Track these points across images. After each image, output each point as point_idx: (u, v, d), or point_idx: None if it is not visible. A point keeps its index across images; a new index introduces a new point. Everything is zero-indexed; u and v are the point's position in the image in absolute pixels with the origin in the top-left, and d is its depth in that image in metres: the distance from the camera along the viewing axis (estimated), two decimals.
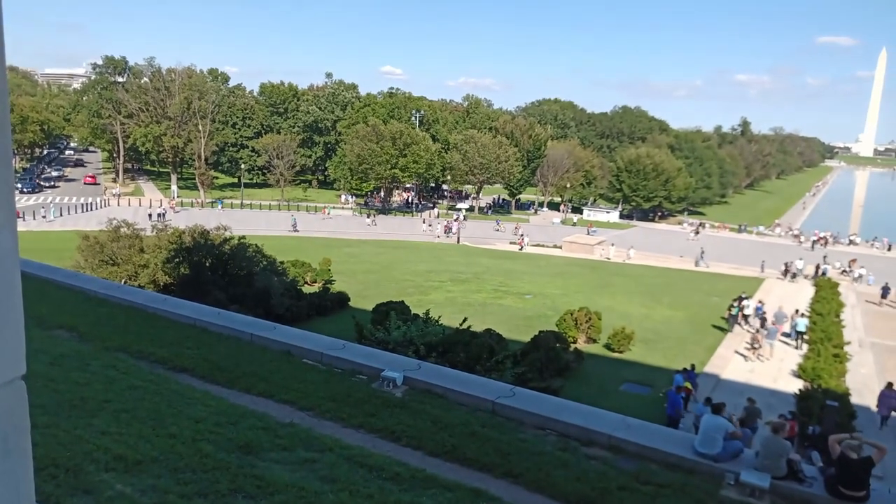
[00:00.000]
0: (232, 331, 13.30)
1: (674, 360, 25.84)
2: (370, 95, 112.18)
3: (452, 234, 69.34)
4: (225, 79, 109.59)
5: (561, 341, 24.79)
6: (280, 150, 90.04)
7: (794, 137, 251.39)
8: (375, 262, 49.31)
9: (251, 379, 10.66)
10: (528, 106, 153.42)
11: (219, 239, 28.16)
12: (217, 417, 8.51)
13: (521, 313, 33.78)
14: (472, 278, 43.55)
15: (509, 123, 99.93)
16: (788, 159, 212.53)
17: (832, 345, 27.46)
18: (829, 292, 39.58)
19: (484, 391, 10.74)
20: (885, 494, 8.23)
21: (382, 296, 31.48)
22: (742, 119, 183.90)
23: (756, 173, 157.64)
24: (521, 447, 8.82)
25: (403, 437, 8.88)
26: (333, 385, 10.66)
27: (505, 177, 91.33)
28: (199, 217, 51.74)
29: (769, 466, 8.44)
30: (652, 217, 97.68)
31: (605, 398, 20.91)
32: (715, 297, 39.79)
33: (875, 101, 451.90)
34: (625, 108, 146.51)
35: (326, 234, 64.53)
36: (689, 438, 9.50)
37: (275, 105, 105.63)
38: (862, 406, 21.74)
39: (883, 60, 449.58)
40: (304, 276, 37.85)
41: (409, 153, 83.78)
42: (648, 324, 32.56)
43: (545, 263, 53.20)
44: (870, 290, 44.23)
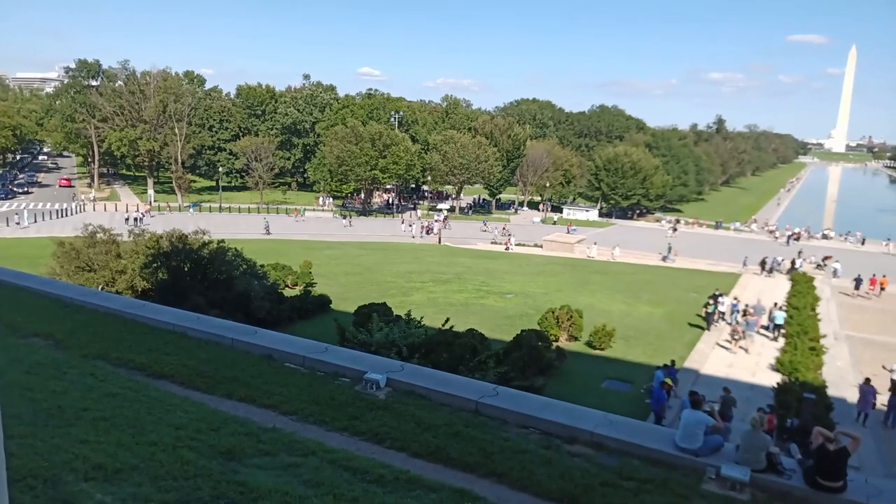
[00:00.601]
0: (212, 336, 13.17)
1: (654, 357, 26.11)
2: (349, 97, 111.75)
3: (433, 235, 69.35)
4: (201, 81, 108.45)
5: (543, 340, 24.89)
6: (258, 153, 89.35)
7: (768, 134, 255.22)
8: (357, 264, 49.13)
9: (232, 384, 10.56)
10: (506, 106, 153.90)
11: (197, 243, 27.83)
12: (198, 424, 8.42)
13: (504, 312, 33.88)
14: (453, 278, 43.58)
15: (488, 123, 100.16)
16: (763, 156, 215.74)
17: (808, 338, 27.94)
18: (805, 287, 40.29)
19: (467, 391, 10.76)
20: (861, 484, 8.38)
21: (364, 298, 31.39)
22: (717, 117, 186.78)
23: (731, 170, 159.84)
24: (505, 446, 8.85)
25: (387, 439, 8.86)
26: (316, 388, 10.60)
27: (485, 177, 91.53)
28: (177, 221, 51.19)
29: (749, 460, 8.56)
30: (630, 215, 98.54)
31: (587, 395, 21.08)
32: (693, 293, 40.25)
33: (846, 98, 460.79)
34: (602, 107, 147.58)
35: (300, 236, 63.99)
36: (670, 434, 9.59)
37: (252, 107, 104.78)
38: (838, 398, 22.15)
39: (853, 58, 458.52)
40: (284, 279, 37.59)
41: (389, 154, 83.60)
42: (629, 321, 32.84)
43: (526, 262, 53.41)
44: (843, 283, 45.31)
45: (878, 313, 37.12)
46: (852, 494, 8.09)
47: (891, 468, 17.80)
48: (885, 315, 36.86)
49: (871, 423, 21.11)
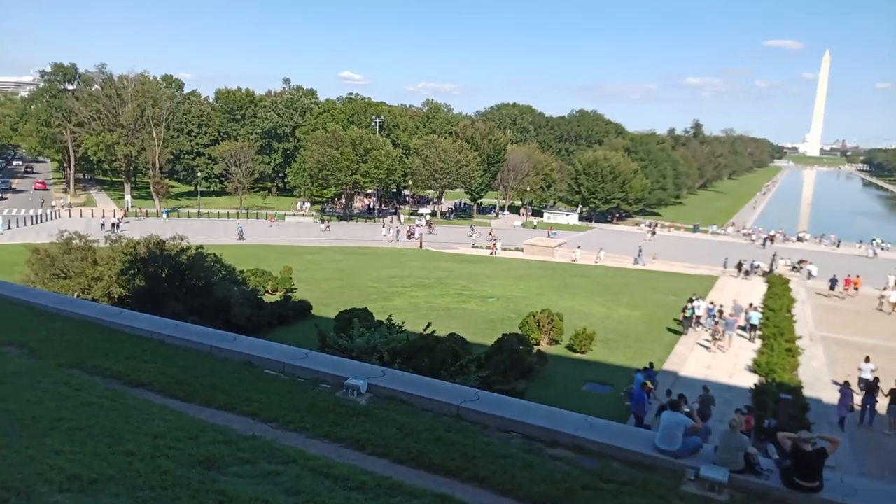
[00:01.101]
0: (190, 343, 13.03)
1: (634, 359, 26.31)
2: (329, 101, 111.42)
3: (415, 239, 69.33)
4: (179, 85, 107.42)
5: (524, 343, 24.99)
6: (238, 158, 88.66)
7: (744, 138, 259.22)
8: (337, 269, 48.92)
9: (211, 392, 10.45)
10: (487, 110, 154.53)
11: (175, 249, 27.55)
12: (176, 432, 8.31)
13: (485, 317, 33.94)
14: (435, 283, 43.57)
15: (469, 128, 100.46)
16: (739, 160, 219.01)
17: (784, 339, 28.37)
18: (781, 289, 40.91)
19: (449, 396, 10.76)
20: (837, 484, 8.51)
21: (345, 303, 31.24)
22: (694, 121, 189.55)
23: (709, 174, 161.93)
24: (487, 451, 8.86)
25: (369, 446, 8.83)
26: (296, 395, 10.53)
27: (466, 181, 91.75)
28: (153, 227, 50.55)
29: (727, 461, 8.66)
30: (610, 219, 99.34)
31: (568, 399, 21.15)
32: (672, 295, 40.67)
33: (820, 102, 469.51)
34: (582, 111, 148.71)
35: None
36: (650, 435, 9.67)
37: (231, 111, 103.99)
38: (814, 398, 22.50)
39: (827, 63, 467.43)
40: (264, 285, 37.31)
41: (370, 159, 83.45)
42: (609, 323, 33.08)
43: (507, 266, 53.60)
44: (819, 284, 46.19)
45: (851, 314, 37.79)
46: (828, 493, 8.22)
47: (865, 467, 18.10)
48: (858, 316, 37.54)
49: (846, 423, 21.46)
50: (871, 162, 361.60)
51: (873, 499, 8.21)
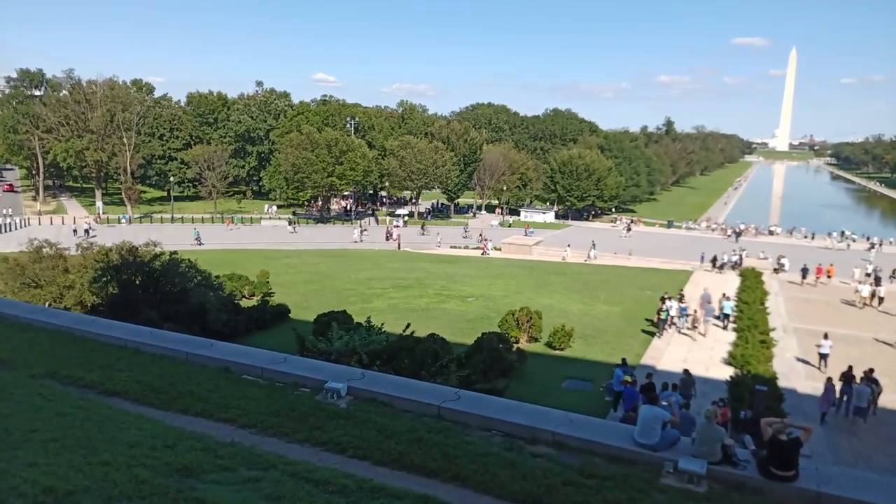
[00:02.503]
0: (166, 350, 12.85)
1: (612, 355, 26.55)
2: (303, 103, 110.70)
3: (392, 241, 69.20)
4: (150, 89, 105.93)
5: (504, 342, 25.07)
6: (211, 161, 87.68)
7: (715, 135, 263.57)
8: (315, 272, 48.62)
9: (188, 399, 10.32)
10: (462, 110, 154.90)
11: (149, 255, 27.14)
12: (153, 441, 8.19)
13: (464, 316, 33.98)
14: (414, 284, 43.52)
15: (445, 128, 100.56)
16: (711, 156, 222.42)
17: (759, 331, 28.86)
18: (754, 281, 41.61)
19: (429, 396, 10.75)
20: (812, 472, 8.66)
21: (323, 306, 31.07)
22: (666, 119, 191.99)
23: (681, 170, 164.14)
24: (468, 450, 8.86)
25: (349, 449, 8.78)
26: (275, 400, 10.45)
27: (443, 181, 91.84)
28: (121, 234, 49.74)
29: (705, 452, 8.77)
30: (586, 216, 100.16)
31: (548, 396, 21.29)
32: (648, 290, 41.13)
33: (788, 98, 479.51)
34: (556, 110, 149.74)
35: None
36: (628, 430, 9.76)
37: (204, 115, 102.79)
38: (789, 388, 22.91)
39: (793, 59, 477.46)
40: (241, 289, 36.94)
41: (346, 160, 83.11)
42: (587, 320, 33.34)
43: (486, 265, 53.74)
44: (792, 276, 47.66)
45: (823, 305, 38.56)
46: (803, 482, 8.37)
47: (839, 455, 18.48)
48: (829, 307, 38.33)
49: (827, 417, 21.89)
50: (839, 156, 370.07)
51: (847, 486, 8.37)
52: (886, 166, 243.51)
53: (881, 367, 23.89)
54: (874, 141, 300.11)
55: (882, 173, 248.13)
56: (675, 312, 31.14)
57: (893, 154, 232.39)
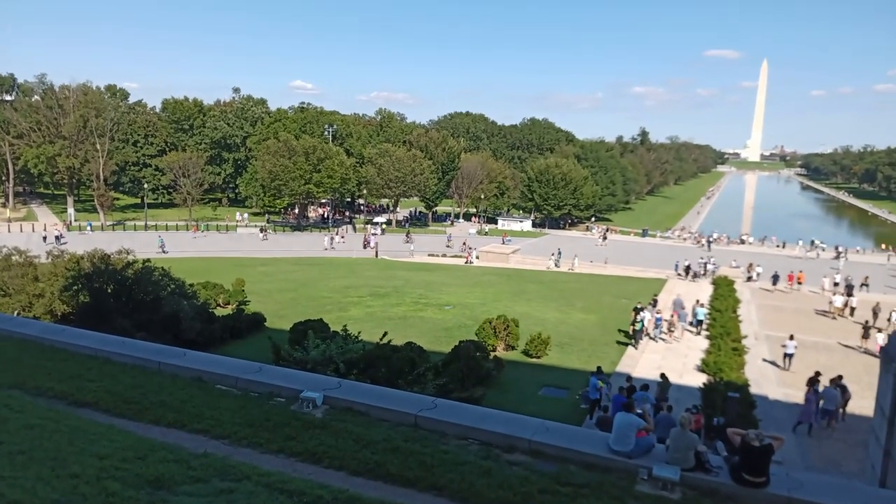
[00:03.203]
0: (138, 360, 12.63)
1: (589, 362, 26.72)
2: (281, 110, 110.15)
3: (370, 249, 69.00)
4: (124, 95, 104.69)
5: (481, 350, 25.11)
6: (186, 168, 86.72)
7: (688, 145, 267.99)
8: (292, 280, 48.25)
9: (160, 409, 10.16)
10: (441, 119, 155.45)
11: (121, 263, 26.73)
12: (124, 453, 8.05)
13: (442, 324, 33.97)
14: (391, 292, 43.40)
15: (423, 137, 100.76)
16: (684, 166, 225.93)
17: (731, 339, 29.31)
18: (726, 290, 42.27)
19: (406, 405, 10.71)
20: (783, 478, 8.79)
21: (300, 314, 30.84)
22: (641, 129, 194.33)
23: (656, 180, 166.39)
24: (445, 459, 8.85)
25: (325, 459, 8.71)
26: (250, 410, 10.33)
27: (421, 189, 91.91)
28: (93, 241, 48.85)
29: (678, 459, 8.87)
30: (563, 225, 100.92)
31: (525, 403, 21.36)
32: (624, 298, 41.54)
33: (759, 109, 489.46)
34: (533, 119, 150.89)
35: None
36: (604, 437, 9.82)
37: (179, 122, 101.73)
38: (760, 395, 23.28)
39: (764, 71, 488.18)
40: (216, 298, 36.51)
41: (323, 168, 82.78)
42: (563, 328, 33.54)
43: (464, 273, 53.82)
44: (763, 284, 49.17)
45: (794, 313, 39.28)
46: (775, 488, 8.49)
47: (810, 461, 18.80)
48: (799, 315, 39.06)
49: (793, 418, 22.26)
50: (809, 166, 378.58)
51: (818, 492, 8.51)
52: (854, 177, 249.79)
53: (849, 374, 24.38)
54: (843, 152, 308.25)
55: (850, 184, 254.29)
56: (649, 324, 31.36)
57: (861, 165, 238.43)
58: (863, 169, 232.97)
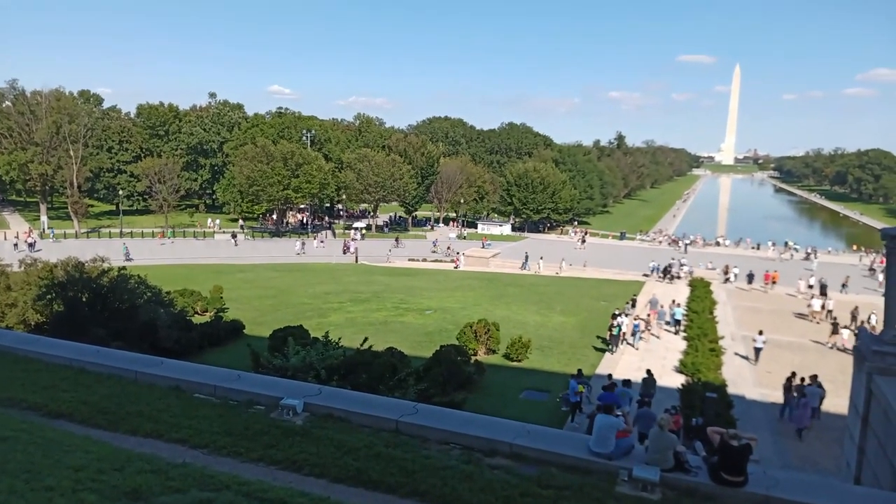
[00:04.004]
0: (114, 369, 12.44)
1: (569, 365, 26.89)
2: (258, 115, 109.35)
3: (350, 254, 68.73)
4: (98, 101, 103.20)
5: (462, 354, 25.14)
6: (162, 174, 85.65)
7: (664, 149, 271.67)
8: (271, 287, 47.87)
9: (137, 419, 10.02)
10: (419, 124, 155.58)
11: (96, 271, 26.31)
12: (100, 464, 7.92)
13: (423, 329, 33.93)
14: (372, 297, 43.27)
15: (402, 141, 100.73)
16: (660, 169, 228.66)
17: (708, 340, 29.70)
18: (703, 291, 42.82)
19: (387, 411, 10.69)
20: (760, 476, 8.92)
21: (279, 321, 30.62)
22: (617, 133, 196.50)
23: (632, 183, 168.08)
24: (426, 464, 8.84)
25: (306, 466, 8.66)
26: (229, 418, 10.22)
27: (400, 194, 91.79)
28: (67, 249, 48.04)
29: (658, 460, 8.95)
30: (542, 228, 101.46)
31: (506, 407, 21.42)
32: (603, 301, 41.89)
33: (733, 113, 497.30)
34: (511, 124, 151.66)
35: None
36: (584, 439, 9.89)
37: (154, 127, 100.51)
38: (738, 395, 23.62)
39: (737, 76, 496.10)
40: (193, 305, 36.09)
41: (302, 173, 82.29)
42: (543, 331, 33.70)
43: (444, 278, 53.83)
44: (740, 283, 50.75)
45: (769, 314, 39.89)
46: (753, 487, 8.62)
47: (787, 460, 19.09)
48: (775, 315, 39.69)
49: (769, 417, 22.62)
50: (781, 169, 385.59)
51: (794, 490, 8.64)
52: (826, 179, 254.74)
53: (824, 373, 24.84)
54: (814, 155, 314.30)
55: (822, 186, 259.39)
56: (626, 329, 31.35)
57: (832, 168, 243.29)
58: (834, 171, 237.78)
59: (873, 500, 8.88)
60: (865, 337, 14.56)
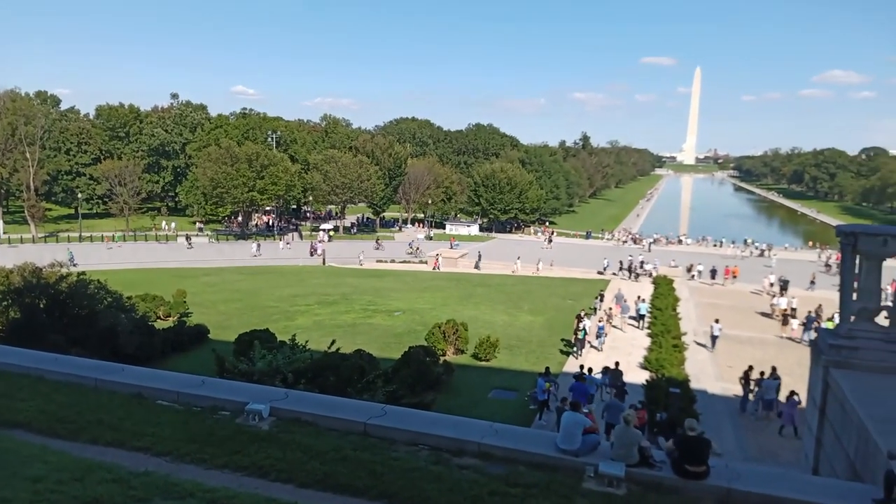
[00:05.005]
0: (73, 377, 12.15)
1: (537, 363, 27.11)
2: (221, 116, 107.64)
3: (317, 256, 68.17)
4: (55, 102, 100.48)
5: (431, 355, 25.17)
6: (122, 177, 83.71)
7: (628, 149, 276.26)
8: (236, 290, 47.21)
9: (98, 428, 9.80)
10: (386, 124, 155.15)
11: (54, 277, 25.62)
12: (59, 474, 7.73)
13: (391, 331, 33.86)
14: (340, 299, 43.00)
15: (369, 142, 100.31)
16: (624, 169, 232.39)
17: (671, 336, 30.27)
18: (666, 289, 43.64)
19: (355, 413, 10.66)
20: (722, 469, 9.16)
21: (245, 325, 30.22)
22: (583, 134, 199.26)
23: (597, 183, 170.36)
24: (395, 466, 8.85)
25: (272, 472, 8.59)
26: (193, 425, 10.07)
27: (368, 195, 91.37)
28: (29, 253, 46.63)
29: (623, 455, 9.12)
30: (509, 229, 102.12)
31: (475, 407, 21.52)
32: (570, 300, 42.37)
33: (694, 114, 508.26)
34: (478, 125, 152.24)
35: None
36: (551, 437, 10.02)
37: (114, 129, 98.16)
38: (700, 390, 24.13)
39: (698, 78, 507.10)
40: (156, 310, 35.42)
41: (267, 175, 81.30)
42: (511, 330, 33.93)
43: (412, 279, 53.77)
44: (705, 278, 52.74)
45: (730, 310, 40.78)
46: (715, 479, 8.83)
47: (748, 452, 19.58)
48: (736, 311, 40.63)
49: (731, 410, 23.16)
50: (741, 168, 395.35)
51: (755, 482, 8.89)
52: (784, 178, 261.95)
53: (783, 367, 25.52)
54: (772, 154, 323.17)
55: (780, 184, 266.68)
56: (591, 332, 31.24)
57: (789, 167, 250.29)
58: (791, 170, 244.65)
59: (830, 489, 9.17)
60: (822, 332, 15.04)
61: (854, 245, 12.81)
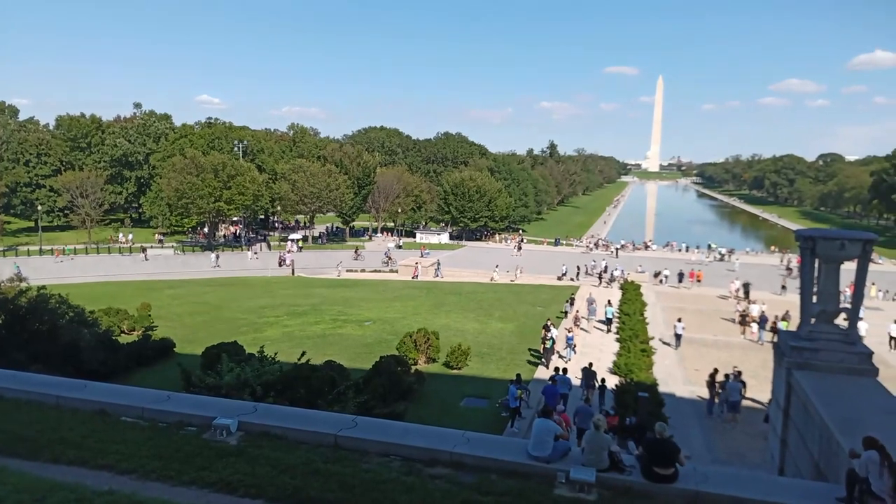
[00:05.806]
0: (33, 394, 11.81)
1: (508, 371, 27.18)
2: (186, 126, 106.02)
3: (286, 266, 67.43)
4: (13, 112, 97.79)
5: (402, 364, 25.05)
6: (84, 188, 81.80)
7: (594, 157, 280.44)
8: (203, 303, 46.38)
9: (59, 446, 9.53)
10: (355, 134, 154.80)
11: (13, 292, 24.87)
12: (18, 495, 7.49)
13: (362, 341, 33.62)
14: (309, 310, 42.56)
15: (338, 151, 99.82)
16: (591, 177, 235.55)
17: (639, 341, 30.66)
18: (634, 294, 44.22)
19: (325, 425, 10.56)
20: (690, 472, 9.30)
21: (213, 338, 29.68)
22: (550, 142, 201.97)
23: (565, 191, 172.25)
24: (366, 478, 8.78)
25: (241, 487, 8.45)
26: (158, 441, 9.85)
27: (337, 205, 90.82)
28: None
29: (594, 461, 9.20)
30: (479, 237, 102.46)
31: (447, 415, 21.47)
32: (539, 306, 42.62)
33: (657, 122, 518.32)
34: (447, 134, 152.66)
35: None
36: (523, 444, 10.05)
37: (76, 139, 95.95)
38: (668, 393, 24.47)
39: (660, 87, 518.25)
40: (119, 324, 34.60)
41: (234, 185, 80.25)
42: (482, 338, 33.99)
43: (383, 288, 53.52)
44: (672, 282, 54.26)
45: (696, 314, 41.51)
46: (683, 482, 8.97)
47: (716, 455, 19.89)
48: (701, 315, 41.37)
49: (698, 413, 23.53)
50: (703, 175, 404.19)
51: (723, 484, 9.05)
52: (745, 184, 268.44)
53: (747, 369, 26.08)
54: (733, 161, 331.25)
55: (741, 190, 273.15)
56: (559, 342, 31.04)
57: (750, 173, 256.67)
58: (752, 176, 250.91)
59: (795, 490, 9.38)
60: (783, 334, 15.40)
61: (813, 249, 13.14)
